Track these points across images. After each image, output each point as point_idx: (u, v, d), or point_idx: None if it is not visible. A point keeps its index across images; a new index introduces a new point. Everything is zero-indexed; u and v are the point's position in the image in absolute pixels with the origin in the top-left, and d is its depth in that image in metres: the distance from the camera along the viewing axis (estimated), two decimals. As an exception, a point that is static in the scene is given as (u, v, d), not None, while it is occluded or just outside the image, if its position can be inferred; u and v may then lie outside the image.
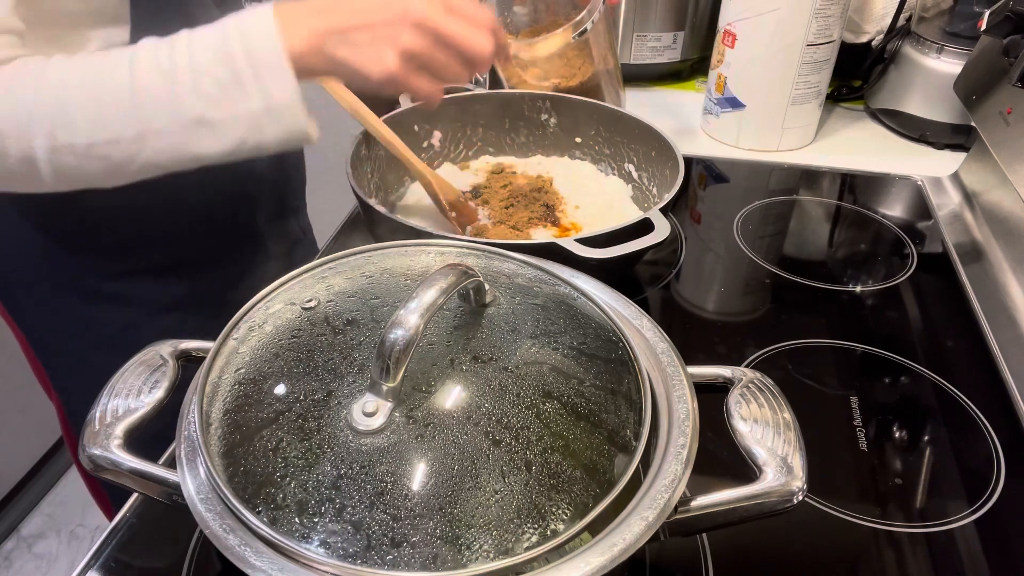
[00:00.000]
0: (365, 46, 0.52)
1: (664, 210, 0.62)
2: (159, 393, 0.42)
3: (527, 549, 0.33)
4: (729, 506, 0.37)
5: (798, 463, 0.38)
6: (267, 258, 0.82)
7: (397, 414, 0.36)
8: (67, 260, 0.72)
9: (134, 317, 0.74)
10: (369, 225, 0.69)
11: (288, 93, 0.51)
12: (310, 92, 0.77)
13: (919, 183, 0.90)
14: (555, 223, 0.75)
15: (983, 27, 0.83)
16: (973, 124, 0.84)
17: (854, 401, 0.60)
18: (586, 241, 0.57)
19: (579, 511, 0.34)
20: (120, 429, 0.39)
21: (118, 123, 0.50)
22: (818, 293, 0.73)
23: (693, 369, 0.44)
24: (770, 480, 0.37)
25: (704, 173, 0.94)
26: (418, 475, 0.35)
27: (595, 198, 0.79)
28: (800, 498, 0.37)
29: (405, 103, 0.80)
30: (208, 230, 0.76)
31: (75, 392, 0.82)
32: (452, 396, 0.38)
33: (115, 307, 0.74)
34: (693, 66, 1.14)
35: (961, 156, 0.91)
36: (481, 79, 0.98)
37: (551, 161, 0.86)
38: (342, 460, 0.35)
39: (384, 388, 0.36)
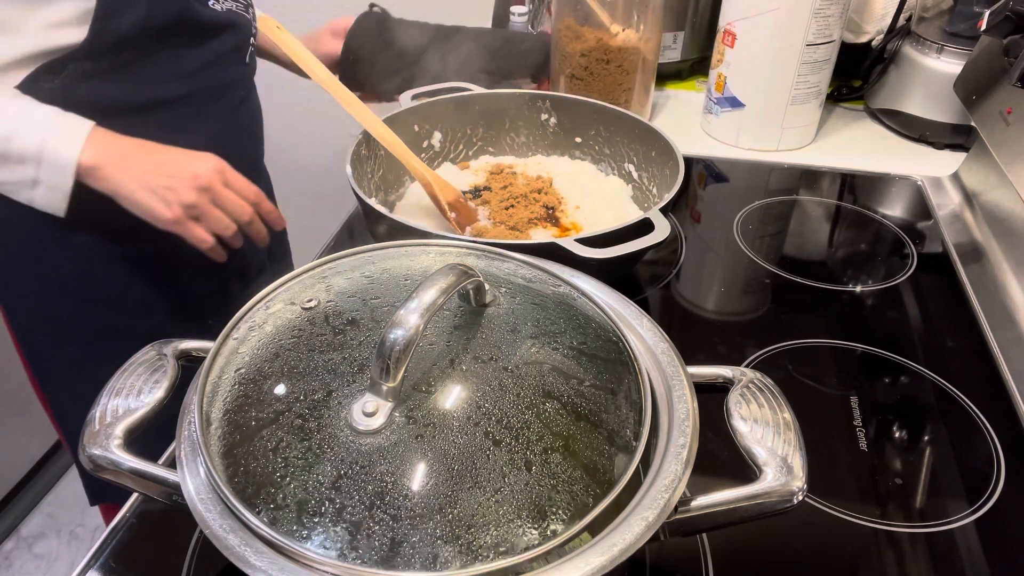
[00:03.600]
0: (158, 191, 0.65)
1: (664, 210, 0.62)
2: (159, 393, 0.41)
3: (527, 549, 0.33)
4: (729, 506, 0.37)
5: (798, 463, 0.38)
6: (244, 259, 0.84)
7: (397, 414, 0.36)
8: (62, 257, 0.74)
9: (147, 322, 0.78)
10: (369, 225, 0.69)
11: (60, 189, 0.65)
12: (312, 91, 0.77)
13: (919, 183, 0.90)
14: (555, 223, 0.75)
15: (983, 27, 0.83)
16: (973, 124, 0.84)
17: (854, 401, 0.60)
18: (586, 241, 0.57)
19: (579, 511, 0.34)
20: (120, 429, 0.39)
21: None
22: (818, 293, 0.73)
23: (693, 369, 0.44)
24: (770, 480, 0.37)
25: (704, 173, 0.94)
26: (418, 475, 0.35)
27: (595, 198, 0.79)
28: (800, 498, 0.37)
29: (405, 103, 0.80)
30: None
31: (67, 397, 0.84)
32: (452, 396, 0.38)
33: (107, 309, 0.77)
34: (693, 66, 1.14)
35: (961, 156, 0.91)
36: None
37: (551, 161, 0.86)
38: (342, 460, 0.35)
39: (384, 388, 0.36)
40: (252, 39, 0.83)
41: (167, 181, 0.65)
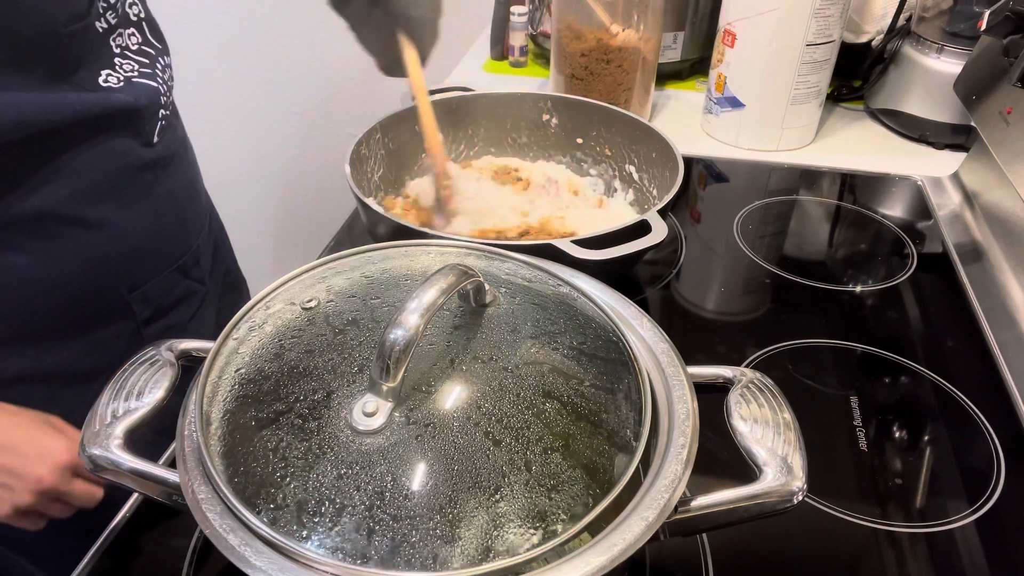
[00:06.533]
0: None
1: (663, 211, 0.62)
2: (159, 393, 0.41)
3: (527, 549, 0.33)
4: (729, 506, 0.37)
5: (798, 463, 0.38)
6: (135, 325, 0.71)
7: (397, 414, 0.37)
8: None
9: None
10: (369, 225, 0.69)
11: None
12: (311, 90, 0.77)
13: (919, 183, 0.90)
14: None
15: (983, 27, 0.83)
16: (973, 124, 0.84)
17: (854, 401, 0.60)
18: (583, 243, 0.57)
19: (579, 511, 0.34)
20: (120, 429, 0.39)
21: None
22: (818, 293, 0.73)
23: (693, 369, 0.44)
24: (770, 480, 0.37)
25: (704, 173, 0.94)
26: (418, 475, 0.35)
27: (595, 199, 0.79)
28: (800, 498, 0.37)
29: (406, 103, 0.80)
30: (65, 303, 0.65)
31: None
32: (452, 396, 0.38)
33: None
34: (693, 66, 1.14)
35: (961, 156, 0.91)
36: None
37: (553, 162, 0.86)
38: (342, 460, 0.35)
39: (384, 388, 0.36)
40: (163, 111, 0.68)
41: (4, 478, 0.55)
